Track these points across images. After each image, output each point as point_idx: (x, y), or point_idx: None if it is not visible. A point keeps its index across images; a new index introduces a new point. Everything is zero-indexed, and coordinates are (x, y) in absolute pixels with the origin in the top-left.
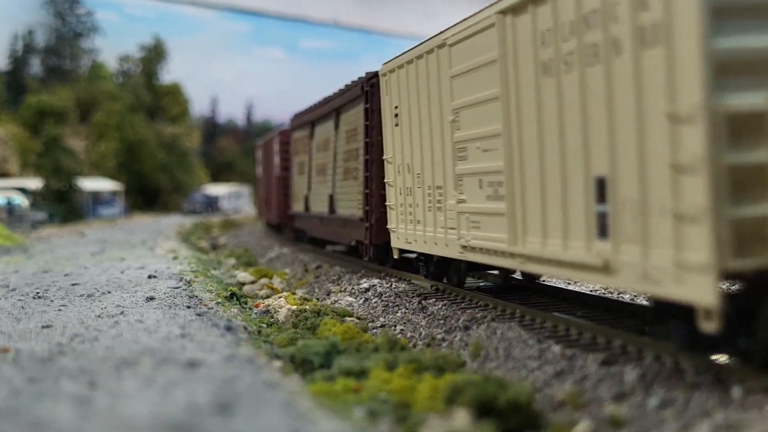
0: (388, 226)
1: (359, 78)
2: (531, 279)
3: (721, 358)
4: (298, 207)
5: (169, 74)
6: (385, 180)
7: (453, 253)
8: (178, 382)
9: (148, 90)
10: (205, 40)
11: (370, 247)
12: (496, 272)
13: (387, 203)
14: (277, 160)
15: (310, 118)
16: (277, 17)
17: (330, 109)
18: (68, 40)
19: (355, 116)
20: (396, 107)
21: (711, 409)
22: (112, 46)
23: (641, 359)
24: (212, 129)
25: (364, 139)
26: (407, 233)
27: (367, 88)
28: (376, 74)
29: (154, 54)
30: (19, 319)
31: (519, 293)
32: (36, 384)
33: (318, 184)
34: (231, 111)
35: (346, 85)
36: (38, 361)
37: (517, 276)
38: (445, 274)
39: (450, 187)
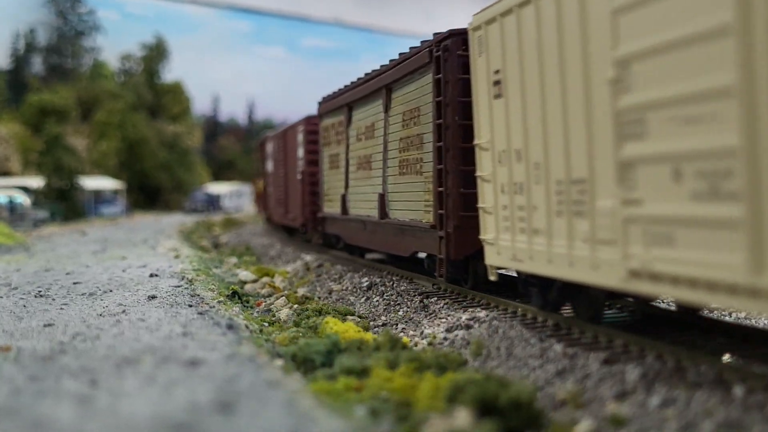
0: (482, 237)
1: (423, 42)
2: (689, 309)
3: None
4: (331, 208)
5: (170, 73)
6: (477, 174)
7: (609, 279)
8: (180, 380)
9: (150, 89)
10: (206, 38)
11: (444, 264)
12: (630, 299)
13: (480, 205)
14: (301, 152)
15: (346, 100)
16: (278, 16)
17: (376, 86)
18: (70, 39)
19: (416, 92)
20: (497, 72)
21: (712, 408)
22: (113, 45)
23: (643, 358)
24: (213, 128)
25: (435, 120)
26: (515, 247)
27: (438, 53)
28: (449, 35)
29: (156, 52)
30: (21, 317)
31: (661, 328)
32: (37, 382)
33: (360, 180)
34: (232, 110)
35: (402, 54)
36: (39, 359)
37: (661, 303)
38: (571, 303)
39: (605, 180)
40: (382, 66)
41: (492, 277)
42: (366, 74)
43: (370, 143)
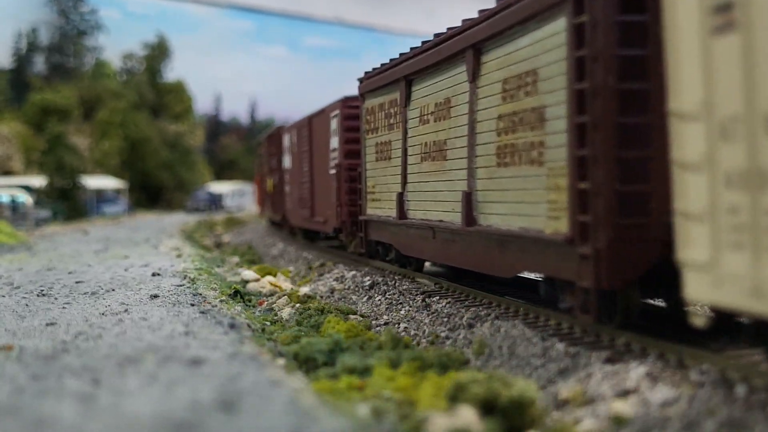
0: (680, 256)
1: None
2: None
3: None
4: (379, 210)
5: (172, 72)
6: (675, 158)
7: None
8: (182, 379)
9: (152, 88)
10: (208, 37)
11: (588, 295)
12: None
13: (679, 207)
14: (335, 142)
15: (401, 73)
16: (279, 15)
17: (455, 49)
18: (72, 38)
19: (529, 50)
20: None
21: (715, 407)
22: (115, 44)
23: (645, 357)
24: (215, 127)
25: (572, 84)
26: (760, 275)
27: None
28: None
29: (158, 52)
30: (24, 316)
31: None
32: (39, 381)
33: (426, 175)
34: (234, 109)
35: (499, 1)
36: (42, 358)
37: None
38: None
39: None
40: (463, 21)
41: (698, 322)
42: (437, 35)
43: (444, 125)
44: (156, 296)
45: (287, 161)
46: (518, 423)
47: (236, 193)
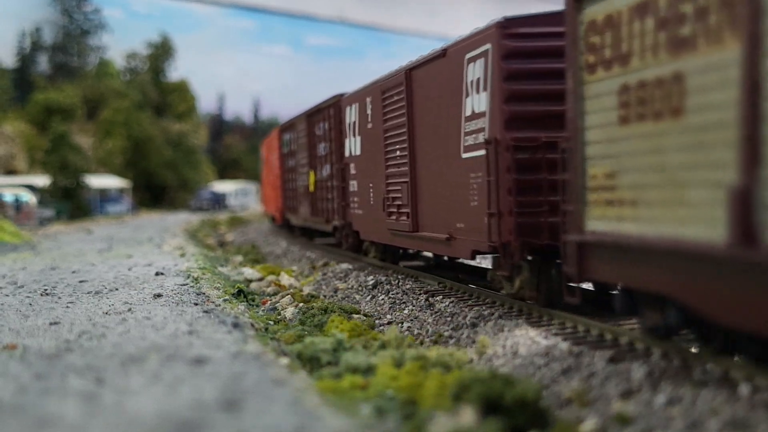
0: None
1: None
2: None
3: None
4: (640, 222)
5: (175, 71)
6: None
7: None
8: (185, 378)
9: (155, 87)
10: (211, 37)
11: None
12: None
13: None
14: (480, 101)
15: None
16: (282, 14)
17: None
18: (75, 37)
19: None
20: None
21: (718, 406)
22: (118, 43)
23: (648, 356)
24: (219, 126)
25: None
26: None
27: None
28: None
29: (161, 51)
30: (27, 315)
31: None
32: (43, 380)
33: None
34: (238, 108)
35: None
36: (45, 357)
37: None
38: None
39: None
40: None
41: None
42: None
43: None
44: (159, 295)
45: (354, 145)
46: (522, 422)
47: (239, 193)
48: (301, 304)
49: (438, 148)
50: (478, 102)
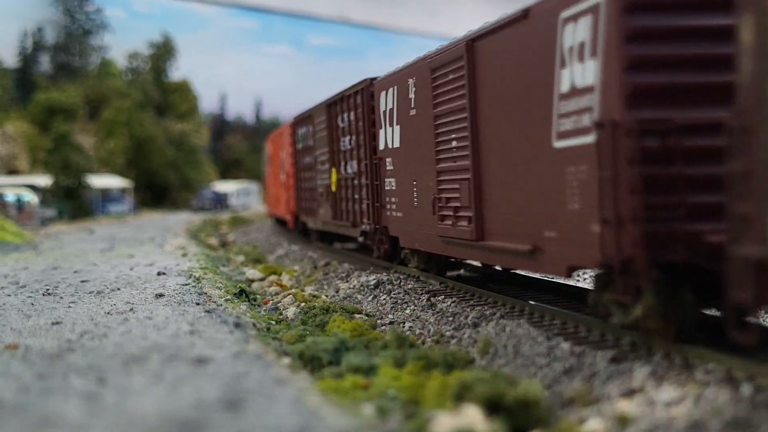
0: None
1: None
2: None
3: None
4: None
5: (177, 71)
6: None
7: None
8: (187, 378)
9: (157, 87)
10: (213, 37)
11: None
12: None
13: None
14: (590, 73)
15: None
16: (284, 14)
17: None
18: (77, 37)
19: None
20: None
21: (720, 406)
22: (120, 43)
23: (650, 356)
24: (221, 126)
25: None
26: None
27: None
28: None
29: (163, 51)
30: (29, 315)
31: None
32: (45, 380)
33: None
34: (239, 108)
35: None
36: (47, 357)
37: None
38: None
39: None
40: None
41: None
42: None
43: None
44: (161, 295)
45: (391, 136)
46: (523, 422)
47: (241, 192)
48: (302, 304)
49: (514, 136)
50: (581, 74)
